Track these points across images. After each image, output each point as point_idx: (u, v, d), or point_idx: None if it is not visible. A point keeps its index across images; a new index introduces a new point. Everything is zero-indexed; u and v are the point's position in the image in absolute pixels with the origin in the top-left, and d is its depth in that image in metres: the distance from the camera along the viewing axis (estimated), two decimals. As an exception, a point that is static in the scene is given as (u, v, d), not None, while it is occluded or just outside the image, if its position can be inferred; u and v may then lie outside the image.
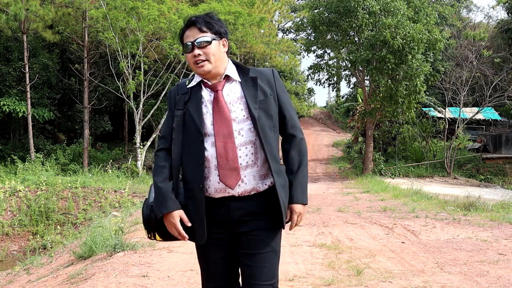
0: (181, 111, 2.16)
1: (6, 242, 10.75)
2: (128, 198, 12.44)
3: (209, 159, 2.08)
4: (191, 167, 2.11)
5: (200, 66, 2.12)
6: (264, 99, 2.14)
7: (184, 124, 2.15)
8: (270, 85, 2.21)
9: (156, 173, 2.15)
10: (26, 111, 18.14)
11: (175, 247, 5.60)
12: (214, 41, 2.13)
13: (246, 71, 2.21)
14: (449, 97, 21.19)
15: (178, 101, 2.19)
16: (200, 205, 2.07)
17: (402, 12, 17.62)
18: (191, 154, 2.11)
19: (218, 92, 2.13)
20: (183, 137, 2.15)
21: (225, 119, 2.09)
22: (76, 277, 4.69)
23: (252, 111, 2.09)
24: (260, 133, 2.08)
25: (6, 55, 19.53)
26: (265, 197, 2.11)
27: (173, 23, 17.05)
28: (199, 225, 2.09)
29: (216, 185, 2.07)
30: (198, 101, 2.15)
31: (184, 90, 2.21)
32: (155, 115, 20.07)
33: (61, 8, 18.81)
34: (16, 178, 13.21)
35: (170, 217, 2.08)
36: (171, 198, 2.09)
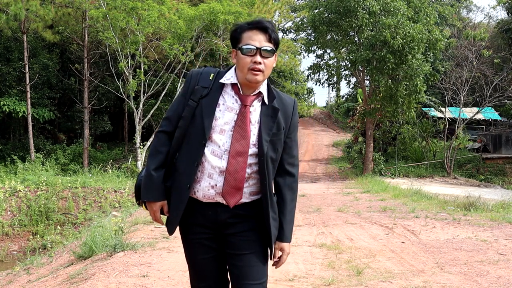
0: (195, 103, 2.08)
1: (6, 242, 10.75)
2: (128, 198, 12.45)
3: (204, 166, 2.05)
4: (186, 163, 2.08)
5: (256, 74, 2.03)
6: (277, 132, 2.10)
7: (193, 119, 2.08)
8: (286, 119, 2.16)
9: (152, 157, 2.13)
10: (26, 111, 18.15)
11: (175, 247, 5.60)
12: (274, 54, 2.08)
13: (272, 96, 2.14)
14: (449, 97, 21.19)
15: (196, 91, 2.10)
16: (182, 201, 2.08)
17: (402, 12, 17.62)
18: (190, 151, 2.08)
19: (246, 108, 2.07)
20: (187, 130, 2.09)
21: (245, 137, 2.04)
22: (76, 277, 4.69)
23: (262, 143, 2.05)
24: (263, 164, 2.06)
25: (6, 55, 19.53)
26: (252, 205, 2.12)
27: (173, 23, 17.07)
28: (174, 216, 2.11)
29: (206, 192, 2.06)
30: (215, 102, 2.07)
31: (206, 83, 2.12)
32: (155, 115, 20.07)
33: (61, 8, 18.81)
34: (16, 178, 13.22)
35: (153, 205, 2.12)
36: (158, 187, 2.10)
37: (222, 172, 2.03)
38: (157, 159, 2.11)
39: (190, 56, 17.76)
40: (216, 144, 2.04)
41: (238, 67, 2.10)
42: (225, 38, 18.66)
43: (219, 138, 2.05)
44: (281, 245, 2.17)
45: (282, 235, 2.16)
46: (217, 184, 2.04)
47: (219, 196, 2.05)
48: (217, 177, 2.03)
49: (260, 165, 2.06)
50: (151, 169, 2.10)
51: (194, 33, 17.42)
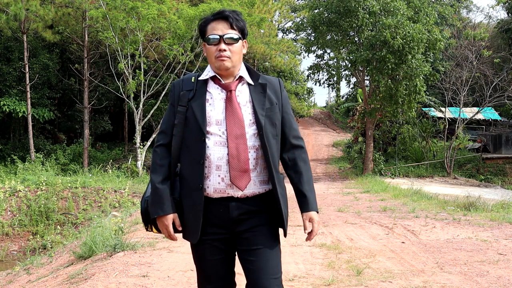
0: (184, 107, 2.13)
1: (6, 242, 10.75)
2: (128, 198, 12.44)
3: (210, 159, 2.06)
4: (190, 165, 2.09)
5: (223, 60, 2.10)
6: (270, 107, 2.14)
7: (186, 122, 2.11)
8: (276, 94, 2.21)
9: (155, 172, 2.13)
10: (26, 111, 18.15)
11: (175, 247, 5.60)
12: (239, 41, 2.14)
13: (256, 76, 2.20)
14: (449, 97, 21.19)
15: (182, 97, 2.16)
16: (198, 204, 2.06)
17: (402, 12, 17.62)
18: (191, 152, 2.09)
19: (232, 92, 2.12)
20: (184, 135, 2.12)
21: (238, 120, 2.08)
22: (76, 277, 4.69)
23: (259, 117, 2.09)
24: (265, 140, 2.08)
25: (6, 55, 19.54)
26: (263, 198, 2.12)
27: (173, 23, 17.06)
28: (194, 224, 2.08)
29: (216, 186, 2.06)
30: (203, 99, 2.13)
31: (190, 86, 2.18)
32: (155, 115, 20.07)
33: (61, 8, 18.81)
34: (16, 178, 13.21)
35: (164, 219, 2.08)
36: (167, 200, 2.08)
37: (228, 161, 2.04)
38: (161, 172, 2.11)
39: (190, 56, 17.76)
40: (216, 134, 2.07)
41: (208, 58, 2.19)
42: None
43: (218, 128, 2.08)
44: (309, 215, 2.18)
45: (307, 205, 2.18)
46: (226, 175, 2.04)
47: (229, 188, 2.05)
48: (225, 167, 2.04)
49: (261, 140, 2.08)
50: (156, 183, 2.09)
51: (194, 33, 17.41)
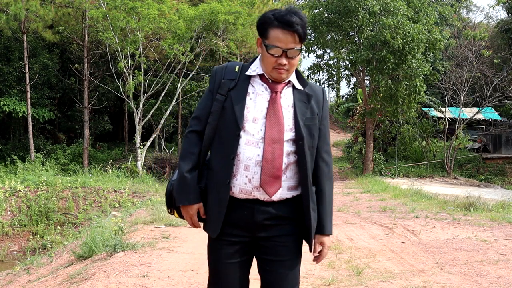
0: (223, 97, 2.02)
1: (6, 242, 10.75)
2: (128, 198, 12.45)
3: (240, 157, 1.97)
4: (221, 159, 2.00)
5: (280, 73, 2.00)
6: (311, 117, 2.05)
7: (223, 112, 2.01)
8: (318, 105, 2.11)
9: (184, 159, 2.04)
10: (26, 111, 18.14)
11: (175, 247, 5.60)
12: (300, 51, 2.02)
13: (304, 83, 2.10)
14: (449, 97, 21.19)
15: (222, 85, 2.04)
16: (223, 199, 1.98)
17: (402, 12, 17.61)
18: (224, 145, 2.00)
19: (277, 94, 2.02)
20: (218, 125, 2.02)
21: (279, 124, 1.98)
22: (76, 277, 4.68)
23: (299, 124, 2.00)
24: (302, 148, 1.99)
25: (6, 55, 19.53)
26: (290, 204, 2.03)
27: (173, 23, 17.06)
28: (216, 218, 2.00)
29: (243, 186, 1.97)
30: (244, 92, 2.02)
31: (232, 75, 2.06)
32: (155, 115, 20.07)
33: (61, 8, 18.80)
34: (16, 178, 13.21)
35: (189, 208, 2.04)
36: (194, 190, 2.02)
37: (258, 162, 1.95)
38: (190, 161, 2.03)
39: (190, 56, 17.76)
40: (250, 133, 1.97)
41: (263, 61, 2.04)
42: (225, 38, 18.66)
43: (253, 126, 1.98)
44: (322, 239, 2.09)
45: (322, 227, 2.08)
46: (253, 177, 1.95)
47: (256, 190, 1.96)
48: (254, 168, 1.95)
49: (299, 150, 1.99)
50: (184, 171, 2.01)
51: (194, 33, 17.42)
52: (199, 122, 2.07)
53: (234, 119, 1.98)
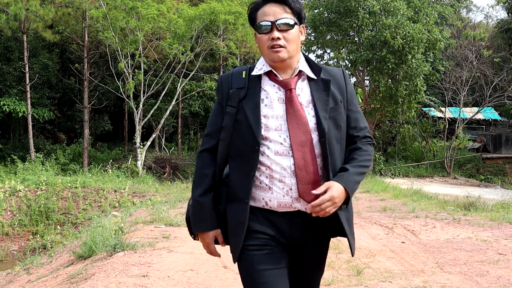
0: (234, 109, 1.82)
1: (6, 242, 10.75)
2: (128, 198, 12.45)
3: (272, 170, 1.76)
4: (239, 176, 1.82)
5: (277, 51, 1.77)
6: (334, 106, 1.82)
7: (236, 126, 1.82)
8: (341, 89, 1.87)
9: (197, 182, 1.87)
10: (26, 111, 18.14)
11: (175, 247, 5.60)
12: (296, 26, 1.82)
13: (317, 69, 1.87)
14: (449, 97, 21.19)
15: (231, 96, 1.83)
16: (241, 218, 1.79)
17: (402, 12, 17.62)
18: (241, 162, 1.81)
19: (292, 92, 1.80)
20: (232, 140, 1.83)
21: (302, 124, 1.76)
22: (76, 277, 4.69)
23: (321, 121, 1.78)
24: (328, 147, 1.78)
25: (6, 55, 19.54)
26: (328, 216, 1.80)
27: (173, 22, 17.06)
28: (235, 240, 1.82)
29: (280, 199, 1.77)
30: (257, 100, 1.80)
31: (240, 83, 1.85)
32: (155, 115, 20.07)
33: (61, 8, 18.80)
34: (16, 178, 13.21)
35: (205, 236, 1.88)
36: (208, 215, 1.85)
37: (293, 172, 1.75)
38: (203, 184, 1.86)
39: (190, 56, 17.76)
40: (277, 142, 1.77)
41: (260, 49, 1.86)
42: (225, 38, 18.66)
43: (278, 135, 1.77)
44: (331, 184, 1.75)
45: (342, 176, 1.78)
46: (291, 188, 1.76)
47: (296, 202, 1.77)
48: (290, 180, 1.75)
49: (322, 146, 1.78)
50: (197, 196, 1.85)
51: (194, 33, 17.42)
52: (211, 139, 1.89)
53: (250, 133, 1.77)
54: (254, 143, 1.77)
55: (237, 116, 1.81)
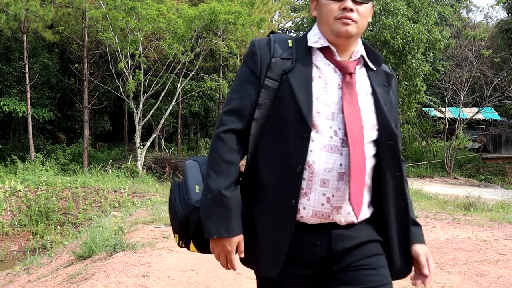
0: (276, 83, 1.44)
1: (6, 242, 10.75)
2: (128, 198, 12.44)
3: (313, 169, 1.40)
4: (280, 172, 1.42)
5: (346, 23, 1.43)
6: (391, 107, 1.52)
7: (276, 105, 1.44)
8: (393, 92, 1.58)
9: (218, 171, 1.43)
10: (26, 111, 18.15)
11: (175, 247, 5.59)
12: (370, 3, 1.50)
13: (377, 59, 1.55)
14: (449, 97, 21.20)
15: (273, 66, 1.45)
16: (284, 227, 1.42)
17: (402, 12, 17.64)
18: (284, 152, 1.42)
19: (352, 76, 1.47)
20: (269, 123, 1.45)
21: (357, 118, 1.44)
22: (76, 277, 4.69)
23: (387, 120, 1.47)
24: (397, 149, 1.50)
25: (6, 55, 19.55)
26: (370, 223, 1.51)
27: (173, 23, 17.06)
28: (272, 254, 1.44)
29: (318, 208, 1.41)
30: (308, 76, 1.44)
31: (287, 52, 1.48)
32: (155, 115, 20.08)
33: (61, 8, 18.81)
34: (16, 178, 13.21)
35: (227, 242, 1.43)
36: (236, 216, 1.43)
37: (342, 174, 1.40)
38: (230, 173, 1.43)
39: (190, 56, 17.77)
40: (325, 134, 1.41)
41: (321, 19, 1.49)
42: (225, 38, 18.66)
43: (329, 124, 1.42)
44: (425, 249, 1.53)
45: (420, 235, 1.56)
46: (334, 195, 1.41)
47: (336, 212, 1.42)
48: (335, 183, 1.40)
49: (393, 151, 1.49)
50: (222, 188, 1.40)
51: (194, 33, 17.42)
52: (238, 117, 1.46)
53: (298, 115, 1.40)
54: (303, 129, 1.39)
55: (279, 92, 1.43)
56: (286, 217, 1.42)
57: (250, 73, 1.49)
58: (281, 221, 1.42)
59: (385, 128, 1.47)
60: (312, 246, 1.43)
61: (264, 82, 1.45)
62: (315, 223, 1.43)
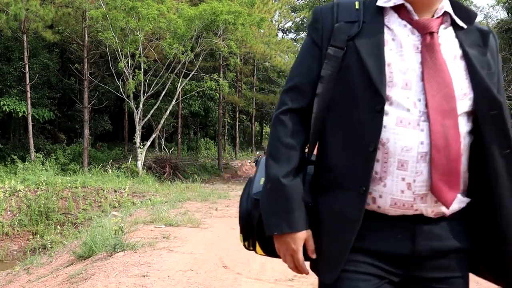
0: (341, 50, 1.23)
1: (6, 242, 10.75)
2: (128, 198, 12.45)
3: (388, 148, 1.16)
4: (349, 154, 1.20)
5: None
6: (489, 73, 1.24)
7: (343, 75, 1.22)
8: (492, 55, 1.30)
9: (277, 157, 1.24)
10: (26, 111, 18.15)
11: (175, 247, 5.60)
12: None
13: (471, 16, 1.29)
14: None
15: (337, 32, 1.24)
16: (351, 219, 1.18)
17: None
18: (352, 129, 1.20)
19: (433, 37, 1.20)
20: (336, 97, 1.23)
21: (445, 85, 1.17)
22: (76, 277, 4.69)
23: (485, 83, 1.19)
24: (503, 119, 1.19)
25: (6, 55, 19.56)
26: (463, 217, 1.25)
27: (173, 22, 17.07)
28: (335, 251, 1.21)
29: (397, 195, 1.16)
30: (379, 39, 1.21)
31: (352, 16, 1.26)
32: (155, 115, 20.09)
33: (61, 8, 18.81)
34: (16, 178, 13.21)
35: (291, 238, 1.23)
36: (299, 207, 1.22)
37: (423, 154, 1.15)
38: (291, 159, 1.24)
39: (190, 56, 17.78)
40: (402, 106, 1.17)
41: None
42: (225, 38, 18.68)
43: (405, 95, 1.17)
44: None
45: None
46: (416, 179, 1.16)
47: (421, 201, 1.17)
48: (416, 165, 1.15)
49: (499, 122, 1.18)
50: (281, 176, 1.21)
51: (194, 33, 17.42)
52: (299, 94, 1.27)
53: (369, 85, 1.18)
54: (376, 100, 1.17)
55: (345, 61, 1.22)
56: (352, 209, 1.18)
57: (311, 44, 1.30)
58: (347, 213, 1.19)
59: (485, 96, 1.19)
60: (391, 241, 1.19)
61: (328, 51, 1.25)
62: (396, 214, 1.18)
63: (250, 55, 24.42)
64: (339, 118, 1.23)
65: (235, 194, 12.53)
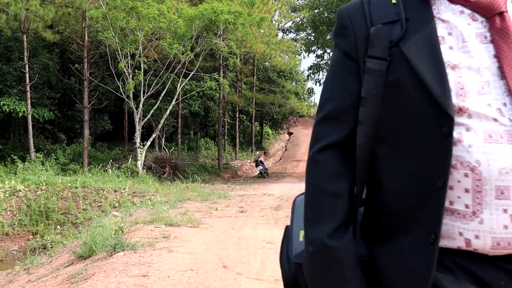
0: (384, 62, 0.94)
1: (6, 242, 10.75)
2: (128, 198, 12.45)
3: (480, 173, 0.86)
4: (411, 192, 0.92)
5: None
6: None
7: (393, 93, 0.94)
8: None
9: (319, 210, 0.98)
10: (26, 111, 18.15)
11: (175, 247, 5.60)
12: None
13: None
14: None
15: (375, 38, 0.96)
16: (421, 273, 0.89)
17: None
18: (412, 163, 0.92)
19: (504, 17, 0.90)
20: (385, 120, 0.95)
21: None
22: (76, 276, 4.69)
23: None
24: None
25: (6, 55, 19.56)
26: None
27: (173, 22, 17.08)
28: None
29: (500, 233, 0.86)
30: (431, 37, 0.92)
31: (390, 14, 0.97)
32: (155, 115, 20.09)
33: (61, 8, 18.81)
34: (16, 178, 13.21)
35: None
36: (355, 275, 0.95)
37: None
38: (336, 212, 0.97)
39: (190, 56, 17.78)
40: (487, 116, 0.87)
41: None
42: (225, 38, 18.68)
43: (485, 102, 0.87)
44: None
45: None
46: None
47: None
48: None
49: None
50: (326, 237, 0.95)
51: (194, 33, 17.43)
52: (336, 124, 1.00)
53: (428, 101, 0.89)
54: (440, 121, 0.88)
55: (392, 74, 0.93)
56: (420, 263, 0.90)
57: (343, 58, 1.01)
58: (415, 270, 0.91)
59: None
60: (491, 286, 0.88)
61: (367, 65, 0.96)
62: (499, 254, 0.88)
63: (250, 55, 24.43)
64: (392, 149, 0.95)
65: (235, 194, 12.54)
